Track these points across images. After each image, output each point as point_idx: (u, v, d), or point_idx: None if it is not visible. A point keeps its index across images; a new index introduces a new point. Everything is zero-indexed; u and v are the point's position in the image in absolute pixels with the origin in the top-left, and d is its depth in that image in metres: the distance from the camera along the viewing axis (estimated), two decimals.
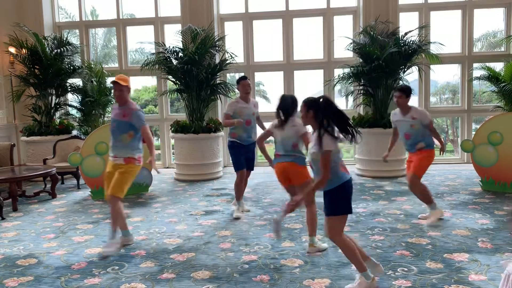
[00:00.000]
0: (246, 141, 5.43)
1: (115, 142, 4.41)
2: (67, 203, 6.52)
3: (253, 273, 3.66)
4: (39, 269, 3.91)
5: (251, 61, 9.49)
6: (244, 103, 5.43)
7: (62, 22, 10.05)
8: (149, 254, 4.20)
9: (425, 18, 8.95)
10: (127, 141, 4.38)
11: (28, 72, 8.49)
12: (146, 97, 16.78)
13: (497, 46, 10.18)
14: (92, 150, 6.60)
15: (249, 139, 5.44)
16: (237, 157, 5.44)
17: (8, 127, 9.21)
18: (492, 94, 8.98)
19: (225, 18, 9.43)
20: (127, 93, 4.41)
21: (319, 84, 9.09)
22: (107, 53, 16.36)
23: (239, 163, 5.44)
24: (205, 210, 5.85)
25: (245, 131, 5.40)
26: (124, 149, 4.37)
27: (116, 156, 4.39)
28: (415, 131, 4.92)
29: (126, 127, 4.36)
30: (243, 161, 5.45)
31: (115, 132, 4.41)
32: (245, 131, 5.40)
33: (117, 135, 4.39)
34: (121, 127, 4.37)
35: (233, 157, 5.49)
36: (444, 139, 16.98)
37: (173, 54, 8.17)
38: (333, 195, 3.20)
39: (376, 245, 4.27)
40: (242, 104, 5.42)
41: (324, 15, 9.22)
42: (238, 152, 5.44)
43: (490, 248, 4.08)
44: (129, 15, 10.76)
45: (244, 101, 5.45)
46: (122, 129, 4.36)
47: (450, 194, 6.32)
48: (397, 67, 7.83)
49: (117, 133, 4.38)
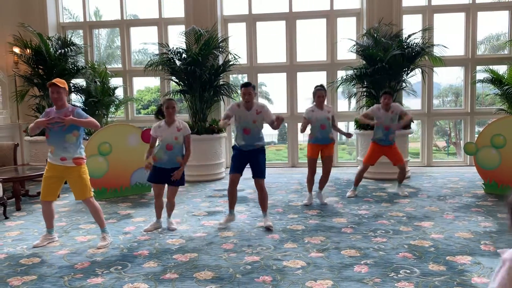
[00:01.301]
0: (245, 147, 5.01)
1: (60, 144, 4.40)
2: (70, 203, 6.54)
3: (255, 274, 3.67)
4: (42, 268, 3.92)
5: (254, 63, 9.51)
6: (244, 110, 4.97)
7: (66, 23, 10.09)
8: (152, 254, 4.21)
9: (428, 20, 8.95)
10: (73, 140, 4.45)
11: (32, 72, 8.53)
12: (149, 97, 16.83)
13: (501, 48, 10.18)
14: (95, 151, 6.62)
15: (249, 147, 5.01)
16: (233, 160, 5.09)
17: (12, 127, 9.25)
18: (495, 97, 8.98)
19: (228, 19, 9.45)
20: (64, 95, 4.47)
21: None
22: (110, 53, 16.41)
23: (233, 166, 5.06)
24: (207, 211, 5.86)
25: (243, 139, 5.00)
26: (73, 150, 4.43)
27: (64, 159, 4.40)
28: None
29: (71, 127, 4.41)
30: (237, 165, 5.03)
31: (58, 134, 4.39)
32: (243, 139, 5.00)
33: (61, 137, 4.39)
34: (65, 128, 4.40)
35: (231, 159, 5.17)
36: (446, 142, 17.04)
37: (176, 55, 8.19)
38: None
39: (379, 247, 4.27)
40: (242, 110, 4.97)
41: (328, 17, 9.23)
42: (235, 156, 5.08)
43: (493, 251, 4.08)
44: (132, 15, 10.79)
45: (245, 108, 4.97)
46: (67, 129, 4.40)
47: (452, 197, 6.32)
48: (400, 69, 7.84)
49: (61, 135, 4.39)
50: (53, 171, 4.46)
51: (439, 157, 14.64)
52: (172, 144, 4.79)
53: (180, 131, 4.85)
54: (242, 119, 4.95)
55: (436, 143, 16.02)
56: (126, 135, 6.91)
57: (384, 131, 6.32)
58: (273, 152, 16.38)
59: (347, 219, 5.30)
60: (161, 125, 4.89)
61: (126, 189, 6.92)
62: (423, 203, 6.00)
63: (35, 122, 4.46)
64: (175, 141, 4.80)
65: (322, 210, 5.79)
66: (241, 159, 5.00)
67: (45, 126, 4.42)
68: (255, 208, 5.89)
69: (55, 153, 4.41)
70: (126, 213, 5.83)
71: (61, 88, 4.40)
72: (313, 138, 5.92)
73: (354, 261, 3.90)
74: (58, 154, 4.40)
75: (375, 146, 6.45)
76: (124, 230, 5.06)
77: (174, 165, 4.84)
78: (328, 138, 5.90)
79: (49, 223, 4.68)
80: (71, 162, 4.42)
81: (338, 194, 6.60)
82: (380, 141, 6.38)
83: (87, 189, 4.52)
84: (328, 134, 5.89)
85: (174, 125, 4.85)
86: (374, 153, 6.48)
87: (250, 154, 5.00)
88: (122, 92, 9.71)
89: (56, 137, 4.41)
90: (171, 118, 4.85)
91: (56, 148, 4.41)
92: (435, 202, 6.02)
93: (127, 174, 6.90)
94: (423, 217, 5.27)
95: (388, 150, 6.41)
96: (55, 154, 4.42)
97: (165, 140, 4.81)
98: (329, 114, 5.93)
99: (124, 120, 9.75)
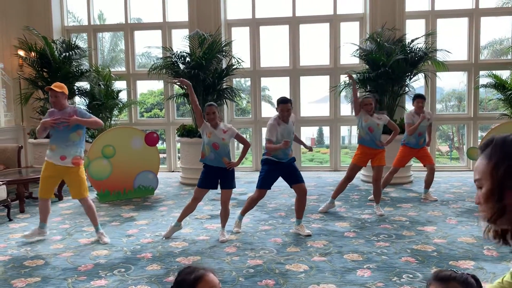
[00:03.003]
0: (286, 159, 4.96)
1: (63, 143, 4.55)
2: (73, 205, 6.56)
3: (258, 277, 3.68)
4: (46, 270, 3.94)
5: (257, 67, 9.54)
6: (284, 123, 4.97)
7: (70, 26, 10.15)
8: (155, 257, 4.23)
9: (431, 25, 8.96)
10: (77, 139, 4.63)
11: (37, 75, 8.57)
12: (152, 101, 16.88)
13: (504, 54, 10.18)
14: (99, 153, 6.65)
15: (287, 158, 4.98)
16: (268, 174, 4.96)
17: (16, 129, 9.29)
18: (499, 102, 8.97)
19: (232, 23, 9.49)
20: (63, 99, 4.61)
21: (325, 90, 9.12)
22: (113, 56, 16.48)
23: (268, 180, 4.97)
24: (210, 214, 5.88)
25: (283, 152, 4.91)
26: (73, 149, 4.59)
27: (64, 157, 4.54)
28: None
29: (76, 126, 4.58)
30: (272, 178, 4.98)
31: (62, 133, 4.54)
32: (283, 152, 4.91)
33: (66, 136, 4.54)
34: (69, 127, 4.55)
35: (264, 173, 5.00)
36: (449, 146, 17.03)
37: (180, 58, 8.22)
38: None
39: (382, 251, 4.27)
40: (283, 125, 4.94)
41: (331, 22, 9.26)
42: (269, 170, 4.95)
43: (496, 256, 4.08)
44: (136, 19, 10.86)
45: (284, 122, 4.98)
46: (72, 128, 4.57)
47: (455, 202, 6.31)
48: (403, 73, 7.85)
49: (66, 134, 4.54)
50: (52, 171, 4.62)
51: (442, 162, 14.61)
52: (219, 144, 4.74)
53: (227, 133, 4.80)
54: (285, 134, 4.89)
55: (439, 147, 16.00)
56: (129, 138, 6.94)
57: (417, 136, 6.38)
58: None
59: (350, 223, 5.31)
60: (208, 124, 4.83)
61: (129, 192, 6.95)
62: (426, 207, 6.00)
63: (41, 123, 4.56)
64: (222, 141, 4.76)
65: (325, 214, 5.80)
66: (276, 173, 4.96)
67: (51, 126, 4.50)
68: (257, 212, 5.90)
69: (56, 151, 4.55)
70: (130, 216, 5.85)
71: (59, 93, 4.54)
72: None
73: (357, 265, 3.90)
74: (58, 152, 4.54)
75: (406, 149, 6.50)
76: (128, 232, 5.08)
77: (220, 165, 4.76)
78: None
79: (44, 217, 4.82)
80: (70, 162, 4.56)
81: (341, 199, 6.60)
82: (412, 144, 6.44)
83: (84, 188, 4.71)
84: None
85: (220, 128, 4.80)
86: (405, 156, 6.57)
87: (288, 164, 4.96)
88: (126, 95, 9.75)
89: (60, 136, 4.55)
90: (213, 122, 4.77)
91: (58, 146, 4.56)
92: (438, 207, 6.02)
93: (131, 177, 6.93)
94: (426, 222, 5.27)
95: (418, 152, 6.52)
96: (56, 152, 4.55)
97: (212, 139, 4.73)
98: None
99: (127, 123, 9.78)
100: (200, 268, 1.77)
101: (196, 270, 1.75)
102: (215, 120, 4.77)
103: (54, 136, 4.60)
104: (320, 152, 15.71)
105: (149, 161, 7.09)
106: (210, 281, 1.73)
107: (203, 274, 1.73)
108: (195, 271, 1.74)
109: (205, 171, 4.82)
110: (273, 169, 4.92)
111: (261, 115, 9.65)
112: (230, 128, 4.88)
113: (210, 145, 4.72)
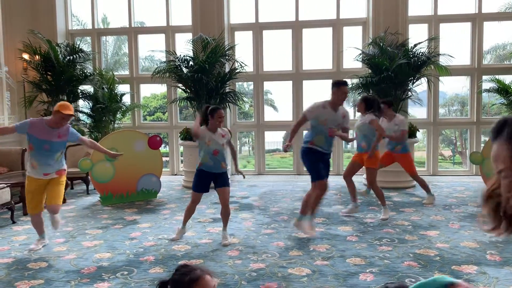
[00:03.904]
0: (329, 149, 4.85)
1: (47, 161, 4.42)
2: (76, 208, 6.59)
3: (260, 281, 3.68)
4: (49, 272, 3.96)
5: (260, 70, 9.57)
6: (331, 111, 4.80)
7: (74, 30, 10.21)
8: (157, 260, 4.24)
9: (434, 30, 8.98)
10: (59, 158, 4.54)
11: (41, 78, 8.63)
12: (155, 104, 16.94)
13: (507, 58, 10.18)
14: (102, 156, 6.67)
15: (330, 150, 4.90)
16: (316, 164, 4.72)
17: None
18: (502, 107, 8.96)
19: (235, 27, 9.53)
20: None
21: (328, 94, 9.11)
22: (117, 60, 16.56)
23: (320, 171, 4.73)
24: (212, 218, 5.88)
25: (326, 142, 4.80)
26: (57, 165, 4.51)
27: (47, 173, 4.46)
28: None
29: (62, 146, 4.51)
30: (323, 169, 4.77)
31: (49, 152, 4.40)
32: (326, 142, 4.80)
33: (52, 155, 4.43)
34: (57, 147, 4.46)
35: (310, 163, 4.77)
36: (452, 151, 17.00)
37: (183, 62, 8.26)
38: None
39: (384, 255, 4.27)
40: (329, 111, 4.77)
41: (334, 26, 9.29)
42: (316, 160, 4.75)
43: (499, 260, 4.07)
44: (139, 23, 10.91)
45: (332, 109, 4.81)
46: (58, 148, 4.47)
47: (458, 206, 6.30)
48: (406, 78, 7.86)
49: (52, 154, 4.42)
50: (36, 185, 4.50)
51: (445, 166, 14.59)
52: (218, 150, 4.74)
53: (224, 137, 4.81)
54: (329, 120, 4.72)
55: (441, 152, 15.97)
56: (132, 141, 6.96)
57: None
58: (278, 160, 16.41)
59: (352, 227, 5.30)
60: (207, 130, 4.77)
61: (132, 195, 6.96)
62: (429, 212, 5.99)
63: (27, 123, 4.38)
64: (222, 147, 4.77)
65: (328, 218, 5.80)
66: (320, 164, 4.81)
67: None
68: (260, 216, 5.91)
69: (39, 169, 4.43)
70: (132, 219, 5.87)
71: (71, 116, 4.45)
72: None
73: (359, 270, 3.90)
74: (41, 170, 4.43)
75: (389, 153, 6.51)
76: (130, 235, 5.09)
77: (220, 170, 4.77)
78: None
79: (40, 230, 4.75)
80: (54, 174, 4.51)
81: (344, 202, 6.60)
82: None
83: (60, 196, 4.61)
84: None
85: (218, 132, 4.78)
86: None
87: (327, 159, 4.89)
88: (129, 98, 9.79)
89: (44, 156, 4.40)
90: (220, 126, 4.77)
91: (40, 165, 4.42)
92: (440, 211, 6.02)
93: (134, 180, 6.95)
94: (429, 226, 5.27)
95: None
96: (38, 170, 4.43)
97: (212, 146, 4.70)
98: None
99: (130, 126, 9.82)
100: (196, 269, 1.76)
101: (192, 271, 1.74)
102: (222, 124, 4.78)
103: (36, 154, 4.38)
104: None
105: (152, 164, 7.11)
106: (206, 283, 1.71)
107: (199, 276, 1.72)
108: (191, 271, 1.73)
109: (199, 175, 4.79)
110: (318, 158, 4.72)
111: (264, 118, 9.67)
112: (227, 132, 4.92)
113: (211, 152, 4.70)
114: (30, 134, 4.37)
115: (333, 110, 4.74)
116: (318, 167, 4.71)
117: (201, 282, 1.71)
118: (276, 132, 15.39)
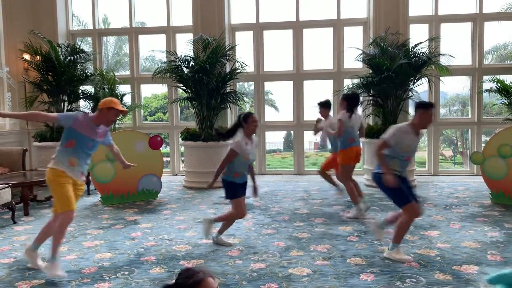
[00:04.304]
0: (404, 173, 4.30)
1: (86, 160, 4.09)
2: (77, 208, 6.53)
3: (261, 281, 3.68)
4: None
5: (261, 71, 9.58)
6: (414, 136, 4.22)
7: (75, 30, 10.22)
8: (158, 260, 4.24)
9: (435, 30, 8.98)
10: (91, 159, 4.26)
11: (42, 79, 8.63)
12: (156, 104, 16.95)
13: (508, 58, 10.18)
14: (103, 156, 6.68)
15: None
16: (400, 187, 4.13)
17: (21, 133, 9.35)
18: (503, 107, 8.96)
19: (236, 28, 9.53)
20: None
21: (329, 94, 9.13)
22: (118, 60, 16.57)
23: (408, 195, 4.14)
24: None
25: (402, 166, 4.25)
26: (86, 167, 4.16)
27: (83, 174, 4.13)
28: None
29: (98, 147, 4.20)
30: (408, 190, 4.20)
31: (90, 151, 4.08)
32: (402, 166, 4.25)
33: (90, 155, 4.12)
34: (96, 147, 4.15)
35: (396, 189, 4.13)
36: (453, 151, 16.99)
37: (184, 62, 8.27)
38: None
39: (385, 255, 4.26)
40: (413, 137, 4.20)
41: (335, 26, 9.29)
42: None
43: (500, 261, 4.06)
44: (140, 23, 10.92)
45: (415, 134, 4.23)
46: (96, 148, 4.16)
47: (459, 206, 6.30)
48: (406, 78, 7.86)
49: (91, 153, 4.11)
50: (69, 180, 4.02)
51: (446, 167, 14.58)
52: (254, 160, 4.66)
53: (254, 143, 4.66)
54: (412, 147, 4.22)
55: (442, 152, 15.97)
56: (133, 142, 6.97)
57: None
58: (279, 160, 16.41)
59: (353, 227, 5.30)
60: (246, 141, 4.49)
61: (133, 195, 6.97)
62: (430, 212, 5.98)
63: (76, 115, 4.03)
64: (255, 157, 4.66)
65: (328, 218, 5.80)
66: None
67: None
68: (261, 216, 5.91)
69: (78, 167, 4.02)
70: (133, 219, 5.87)
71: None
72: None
73: (360, 270, 3.90)
74: (80, 169, 4.04)
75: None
76: (131, 236, 5.09)
77: (246, 179, 4.67)
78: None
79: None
80: (82, 180, 4.20)
81: (345, 202, 6.60)
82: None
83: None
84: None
85: (254, 140, 4.65)
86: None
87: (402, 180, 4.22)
88: (130, 99, 9.80)
89: (84, 154, 4.04)
90: (255, 132, 4.61)
91: (80, 164, 4.03)
92: (441, 212, 6.01)
93: (134, 180, 6.95)
94: (429, 226, 5.26)
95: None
96: (77, 168, 4.01)
97: (251, 158, 4.51)
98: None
99: (131, 126, 9.83)
100: (199, 272, 1.81)
101: (195, 274, 1.79)
102: (257, 129, 4.60)
103: (79, 150, 3.99)
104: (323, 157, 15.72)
105: (153, 165, 7.12)
106: (209, 285, 1.76)
107: (202, 278, 1.77)
108: (194, 275, 1.78)
109: (234, 187, 4.57)
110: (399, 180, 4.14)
111: (265, 119, 9.67)
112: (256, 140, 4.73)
113: (247, 165, 4.58)
114: (73, 128, 3.94)
115: (416, 135, 4.23)
116: (403, 188, 4.17)
117: (204, 284, 1.76)
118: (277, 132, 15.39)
